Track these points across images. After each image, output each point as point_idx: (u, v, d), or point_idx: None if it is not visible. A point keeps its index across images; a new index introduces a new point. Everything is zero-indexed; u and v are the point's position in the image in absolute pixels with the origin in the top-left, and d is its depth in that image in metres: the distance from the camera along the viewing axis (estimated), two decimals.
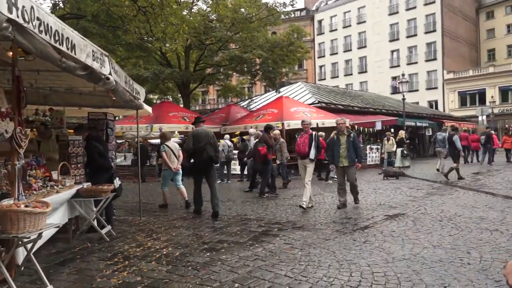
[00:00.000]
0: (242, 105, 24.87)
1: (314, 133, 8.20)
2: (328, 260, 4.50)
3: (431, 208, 7.58)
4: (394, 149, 16.48)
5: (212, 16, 17.66)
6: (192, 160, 7.81)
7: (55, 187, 5.08)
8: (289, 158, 12.25)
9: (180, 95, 22.66)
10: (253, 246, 5.25)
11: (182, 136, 15.20)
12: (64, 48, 3.45)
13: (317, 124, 15.85)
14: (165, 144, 8.97)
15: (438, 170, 14.58)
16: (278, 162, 11.52)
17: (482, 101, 41.46)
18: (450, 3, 46.45)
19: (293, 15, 50.12)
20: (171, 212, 8.23)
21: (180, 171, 9.03)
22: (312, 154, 7.98)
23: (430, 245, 4.98)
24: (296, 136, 12.43)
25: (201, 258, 4.75)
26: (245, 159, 13.12)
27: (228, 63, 17.86)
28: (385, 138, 16.88)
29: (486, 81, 43.21)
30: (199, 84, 22.08)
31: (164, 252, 5.07)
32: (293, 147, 16.72)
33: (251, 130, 13.20)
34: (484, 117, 32.87)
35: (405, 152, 16.11)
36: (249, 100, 27.24)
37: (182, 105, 21.41)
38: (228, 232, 6.16)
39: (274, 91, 20.40)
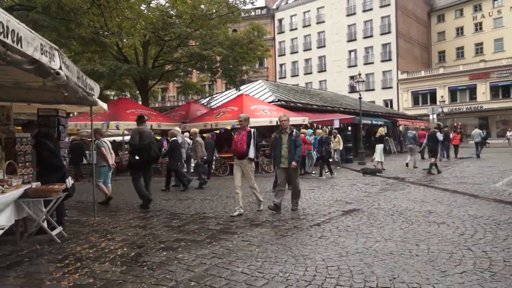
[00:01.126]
0: (202, 102, 24.66)
1: (252, 130, 7.49)
2: (284, 256, 4.56)
3: (384, 203, 7.87)
4: (340, 147, 17.02)
5: (171, 12, 17.36)
6: (137, 156, 8.11)
7: (0, 187, 4.81)
8: (205, 157, 11.78)
9: (138, 92, 22.11)
10: (211, 244, 5.23)
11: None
12: (9, 41, 3.28)
13: (276, 122, 16.02)
14: (103, 141, 8.95)
15: (407, 165, 15.87)
16: (193, 161, 10.90)
17: (433, 101, 43.57)
18: (404, 6, 48.39)
19: (253, 13, 50.30)
20: (128, 212, 8.02)
21: (111, 169, 9.19)
22: (251, 153, 7.35)
23: (382, 238, 5.17)
24: (233, 134, 11.58)
25: (157, 258, 4.68)
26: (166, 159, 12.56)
27: (187, 60, 17.62)
28: (332, 136, 16.70)
29: (437, 82, 45.47)
30: (158, 80, 21.65)
31: (119, 253, 4.94)
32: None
33: (176, 129, 12.14)
34: (435, 115, 34.61)
35: (387, 148, 16.53)
36: (210, 97, 27.07)
37: (140, 102, 20.91)
38: (186, 230, 6.09)
39: (235, 89, 20.37)
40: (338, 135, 17.21)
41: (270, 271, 4.06)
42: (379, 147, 15.49)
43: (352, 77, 44.27)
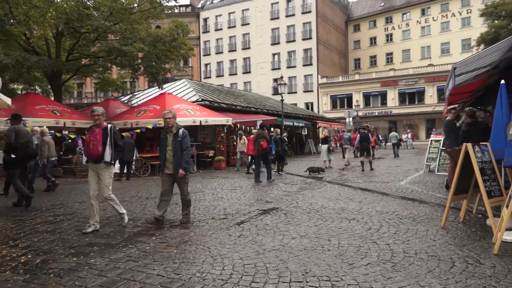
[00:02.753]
0: (122, 100, 23.57)
1: (109, 126, 6.11)
2: (202, 256, 4.53)
3: (302, 202, 8.20)
4: (244, 149, 16.10)
5: (88, 3, 16.33)
6: (13, 155, 7.93)
7: None
8: (53, 158, 10.98)
9: (50, 87, 20.45)
10: (126, 247, 5.01)
11: (52, 131, 13.74)
12: None
13: (200, 121, 15.90)
14: None
15: (346, 164, 17.06)
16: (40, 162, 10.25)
17: (350, 105, 46.52)
18: (323, 14, 51.00)
19: (177, 11, 49.31)
20: (35, 216, 7.38)
21: None
22: (107, 155, 5.95)
23: (298, 235, 5.38)
24: (86, 132, 10.50)
25: (66, 264, 4.37)
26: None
27: (106, 55, 16.69)
28: (238, 137, 16.56)
29: (353, 87, 48.64)
30: (72, 75, 20.22)
31: (22, 260, 4.52)
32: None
33: (36, 129, 11.12)
34: (351, 118, 36.92)
35: (330, 148, 17.27)
36: (131, 95, 25.98)
37: (52, 98, 19.36)
38: (100, 234, 5.77)
39: (157, 87, 19.77)
40: (244, 136, 16.34)
41: (187, 272, 4.01)
42: (324, 148, 16.59)
43: (275, 80, 45.51)
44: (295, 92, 50.17)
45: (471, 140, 6.05)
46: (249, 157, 15.20)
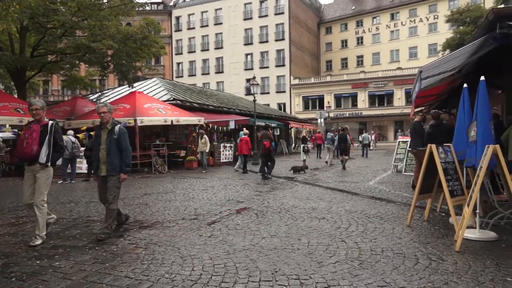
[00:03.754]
0: (91, 98, 22.97)
1: (51, 122, 5.39)
2: (172, 257, 4.48)
3: (273, 202, 8.24)
4: (206, 149, 15.62)
5: None
6: None
7: None
8: None
9: (13, 84, 19.65)
10: (93, 249, 4.89)
11: (15, 130, 13.21)
12: None
13: (171, 121, 15.71)
14: None
15: (326, 162, 17.88)
16: None
17: (321, 106, 47.20)
18: (296, 15, 51.51)
19: (149, 8, 48.59)
20: None
21: None
22: (42, 156, 5.17)
23: (268, 235, 5.41)
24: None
25: (28, 267, 4.22)
26: None
27: (73, 51, 16.19)
28: (199, 137, 15.99)
29: (324, 88, 49.37)
30: (37, 72, 19.48)
31: None
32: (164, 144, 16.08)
33: None
34: (322, 119, 37.46)
35: (305, 148, 17.65)
36: (100, 93, 25.35)
37: (16, 95, 18.61)
38: (66, 236, 5.60)
39: (128, 85, 19.38)
40: (205, 136, 15.71)
41: (155, 273, 3.95)
42: (302, 148, 17.32)
43: (248, 80, 45.58)
44: (268, 93, 50.43)
45: (436, 142, 6.27)
46: (242, 157, 15.43)
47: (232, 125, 19.93)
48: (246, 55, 52.24)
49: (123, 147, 5.59)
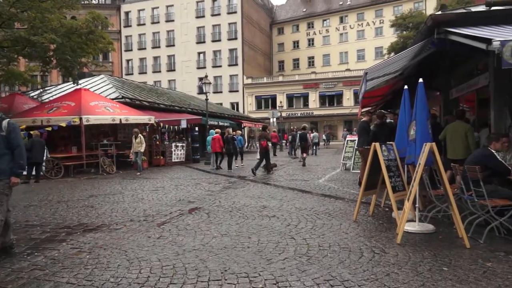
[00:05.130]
0: (31, 95, 21.63)
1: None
2: (118, 260, 4.33)
3: (225, 201, 8.22)
4: (141, 149, 14.60)
5: None
6: None
7: None
8: None
9: None
10: (32, 255, 4.61)
11: None
12: None
13: (120, 120, 15.20)
14: None
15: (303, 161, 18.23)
16: None
17: (274, 105, 47.71)
18: (249, 15, 51.73)
19: (95, 2, 46.71)
20: None
21: None
22: None
23: (219, 234, 5.38)
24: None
25: None
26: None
27: (11, 45, 15.13)
28: (133, 136, 14.80)
29: (277, 88, 50.02)
30: None
31: None
32: (94, 144, 15.48)
33: None
34: (275, 119, 37.91)
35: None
36: (41, 90, 23.95)
37: None
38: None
39: (72, 82, 18.47)
40: (140, 135, 14.68)
41: (100, 278, 3.80)
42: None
43: (200, 79, 45.20)
44: (221, 92, 50.27)
45: (380, 140, 6.55)
46: (215, 155, 16.08)
47: (183, 124, 19.63)
48: (199, 53, 51.71)
49: (15, 145, 4.66)
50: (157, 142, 18.36)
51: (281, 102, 47.30)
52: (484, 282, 3.45)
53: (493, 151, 5.34)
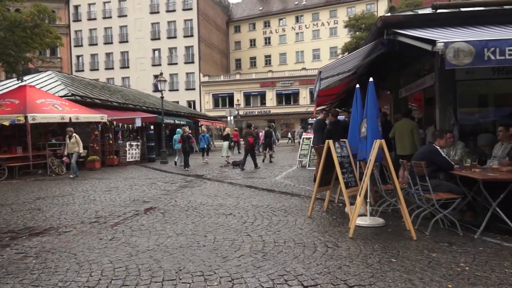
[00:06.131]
0: None
1: None
2: (67, 264, 4.15)
3: (181, 200, 8.11)
4: (77, 149, 13.48)
5: None
6: None
7: None
8: None
9: None
10: None
11: None
12: None
13: (70, 118, 14.53)
14: None
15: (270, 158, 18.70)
16: None
17: (231, 104, 47.60)
18: (205, 12, 51.23)
19: None
20: None
21: None
22: None
23: (174, 234, 5.30)
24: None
25: None
26: None
27: None
28: (67, 136, 13.73)
29: (234, 87, 49.97)
30: None
31: None
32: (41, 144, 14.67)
33: None
34: (232, 117, 37.87)
35: (231, 144, 18.15)
36: None
37: None
38: None
39: (16, 78, 17.42)
40: (75, 134, 13.59)
41: (47, 283, 3.63)
42: (225, 144, 17.79)
43: (156, 76, 44.25)
44: (177, 90, 49.45)
45: (334, 138, 6.73)
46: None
47: (138, 123, 19.12)
48: (154, 50, 50.53)
49: None
50: (110, 141, 17.75)
51: (238, 100, 47.34)
52: (429, 272, 3.64)
53: (438, 147, 5.63)
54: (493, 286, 3.27)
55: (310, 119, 41.44)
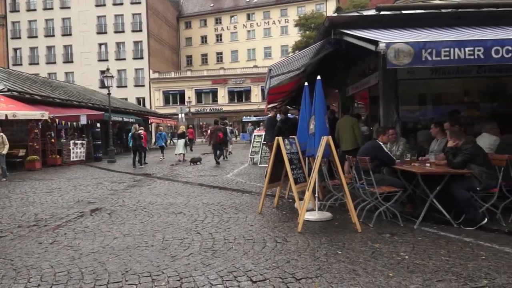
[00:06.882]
0: None
1: None
2: (2, 270, 3.87)
3: (129, 200, 7.86)
4: (3, 151, 12.28)
5: None
6: None
7: None
8: None
9: None
10: None
11: None
12: None
13: (5, 116, 13.58)
14: None
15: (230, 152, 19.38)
16: None
17: (182, 101, 46.87)
18: (154, 7, 49.90)
19: None
20: None
21: None
22: None
23: (121, 234, 5.12)
24: None
25: None
26: None
27: None
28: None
29: (185, 83, 49.19)
30: None
31: None
32: None
33: None
34: (183, 114, 37.32)
35: (187, 142, 18.40)
36: None
37: None
38: None
39: None
40: (1, 134, 12.46)
41: None
42: (181, 142, 17.86)
43: (102, 72, 42.54)
44: (126, 86, 47.82)
45: (284, 135, 6.83)
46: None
47: (83, 120, 18.25)
48: (100, 44, 48.43)
49: None
50: (52, 140, 16.80)
51: (189, 97, 46.71)
52: (372, 262, 3.80)
53: (381, 143, 5.89)
54: (430, 273, 3.47)
55: (244, 117, 41.54)
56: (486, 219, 4.88)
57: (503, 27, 6.23)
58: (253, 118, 41.33)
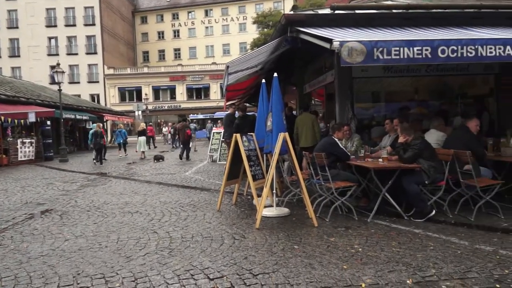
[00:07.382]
0: None
1: None
2: None
3: (82, 200, 7.57)
4: None
5: None
6: None
7: None
8: None
9: None
10: None
11: None
12: None
13: None
14: None
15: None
16: None
17: (139, 98, 45.64)
18: (108, 0, 48.13)
19: None
20: None
21: None
22: None
23: (73, 236, 4.92)
24: None
25: None
26: None
27: None
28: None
29: (142, 80, 47.98)
30: None
31: None
32: None
33: None
34: (140, 112, 36.39)
35: (148, 139, 18.49)
36: None
37: None
38: None
39: None
40: None
41: None
42: (142, 139, 18.09)
43: (52, 67, 40.57)
44: (78, 83, 45.93)
45: (243, 132, 6.83)
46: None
47: (32, 118, 17.30)
48: (50, 38, 46.10)
49: None
50: None
51: (146, 94, 45.61)
52: (328, 255, 3.90)
53: (336, 139, 6.03)
54: (382, 264, 3.61)
55: (191, 115, 41.06)
56: (434, 211, 5.14)
57: (449, 28, 6.56)
58: (209, 116, 40.91)
